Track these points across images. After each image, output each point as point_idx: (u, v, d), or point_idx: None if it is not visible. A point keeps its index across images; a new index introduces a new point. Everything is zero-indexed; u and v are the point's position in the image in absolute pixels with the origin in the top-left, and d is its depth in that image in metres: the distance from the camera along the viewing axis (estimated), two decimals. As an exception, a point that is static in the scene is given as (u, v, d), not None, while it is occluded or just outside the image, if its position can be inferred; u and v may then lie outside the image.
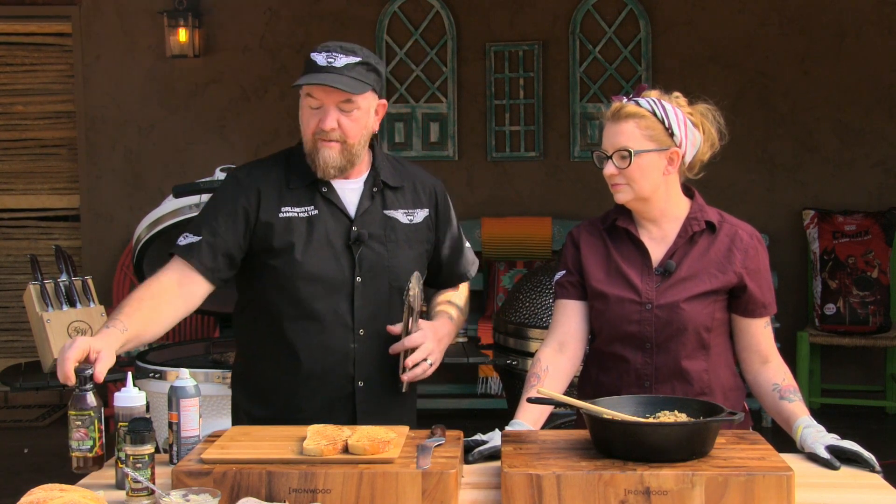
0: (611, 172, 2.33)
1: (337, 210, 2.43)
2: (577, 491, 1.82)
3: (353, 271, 2.41)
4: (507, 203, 6.31)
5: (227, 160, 5.56)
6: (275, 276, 2.41)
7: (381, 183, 2.47)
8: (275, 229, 2.40)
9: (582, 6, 6.25)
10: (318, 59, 2.36)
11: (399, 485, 1.86)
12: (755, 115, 6.16)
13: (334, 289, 2.40)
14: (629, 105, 2.33)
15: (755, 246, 2.38)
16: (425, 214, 2.52)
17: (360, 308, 2.41)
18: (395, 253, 2.45)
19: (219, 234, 2.38)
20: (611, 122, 2.35)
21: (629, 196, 2.34)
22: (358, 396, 2.43)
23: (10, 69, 6.62)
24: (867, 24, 6.13)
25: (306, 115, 2.39)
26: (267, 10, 6.36)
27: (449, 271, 2.63)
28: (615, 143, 2.33)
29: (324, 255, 2.40)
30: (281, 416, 2.39)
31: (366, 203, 2.45)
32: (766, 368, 2.38)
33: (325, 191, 2.43)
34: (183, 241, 2.40)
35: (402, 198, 2.50)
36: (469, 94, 6.36)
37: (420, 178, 2.56)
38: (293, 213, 2.41)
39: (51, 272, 3.92)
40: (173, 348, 3.97)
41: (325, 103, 2.35)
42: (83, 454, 2.04)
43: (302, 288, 2.39)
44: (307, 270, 2.39)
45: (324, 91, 2.34)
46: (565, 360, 2.40)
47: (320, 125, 2.35)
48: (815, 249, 5.88)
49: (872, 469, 2.08)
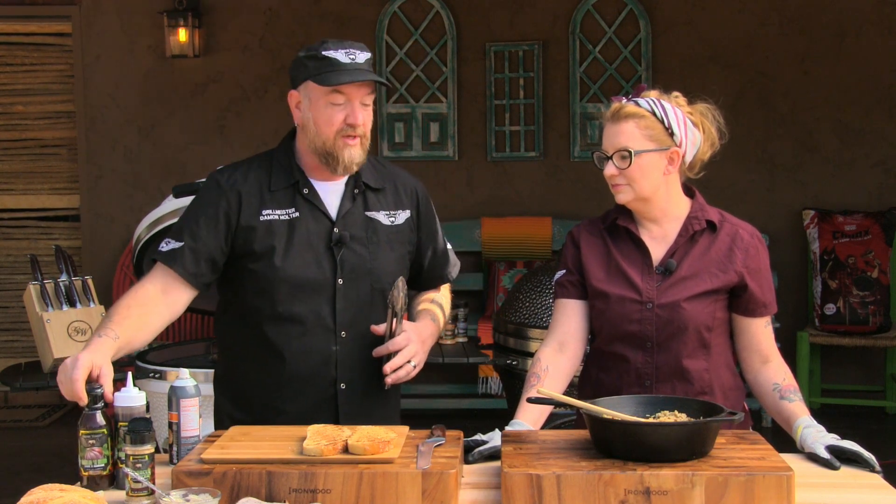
0: (611, 173, 2.33)
1: (318, 212, 2.42)
2: (577, 491, 1.82)
3: (334, 273, 2.40)
4: (507, 203, 6.31)
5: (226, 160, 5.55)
6: (256, 280, 2.40)
7: (363, 184, 2.47)
8: (256, 233, 2.39)
9: (582, 6, 6.25)
10: (338, 56, 2.34)
11: (399, 485, 1.86)
12: (755, 115, 6.16)
13: (316, 291, 2.39)
14: (629, 105, 2.33)
15: (756, 245, 2.38)
16: (407, 216, 2.52)
17: (341, 310, 2.40)
18: (377, 254, 2.44)
19: (200, 238, 2.37)
20: (610, 122, 2.35)
21: (630, 196, 2.34)
22: (340, 399, 2.42)
23: (10, 69, 6.62)
24: (867, 24, 6.13)
25: (328, 112, 2.35)
26: (267, 10, 6.36)
27: (430, 273, 2.62)
28: (615, 143, 2.33)
29: (305, 257, 2.39)
30: (262, 419, 2.38)
31: (347, 204, 2.44)
32: (766, 368, 2.38)
33: (307, 192, 2.42)
34: (165, 248, 2.39)
35: (384, 199, 2.49)
36: (469, 94, 6.36)
37: (401, 179, 2.55)
38: (274, 216, 2.39)
39: (51, 272, 3.92)
40: (173, 348, 3.97)
41: (352, 99, 2.35)
42: (97, 473, 2.01)
43: (283, 291, 2.38)
44: (288, 273, 2.37)
45: (354, 87, 2.35)
46: (565, 359, 2.40)
47: (349, 120, 2.35)
48: (815, 249, 5.88)
49: (872, 469, 2.07)
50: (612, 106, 2.36)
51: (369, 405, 2.45)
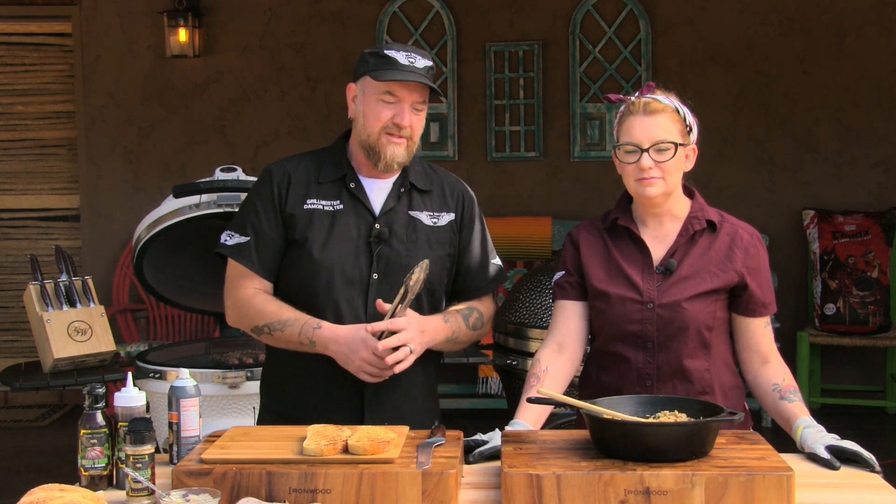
0: (649, 165, 2.31)
1: (361, 206, 2.47)
2: (577, 491, 1.82)
3: (370, 268, 2.44)
4: (507, 203, 6.31)
5: (227, 160, 5.58)
6: (294, 266, 2.45)
7: (410, 184, 2.51)
8: (297, 221, 2.45)
9: (582, 6, 6.25)
10: (398, 56, 2.39)
11: (399, 485, 1.86)
12: (755, 115, 6.16)
13: (350, 283, 2.43)
14: (656, 101, 2.34)
15: (756, 245, 2.38)
16: (450, 218, 2.54)
17: (374, 304, 2.43)
18: (415, 253, 2.46)
19: (262, 230, 2.45)
20: (642, 115, 2.33)
21: (661, 189, 2.33)
22: (367, 393, 2.44)
23: (10, 69, 6.63)
24: (867, 24, 6.13)
25: (377, 108, 2.41)
26: (267, 10, 6.36)
27: (465, 281, 2.59)
28: (652, 135, 2.31)
29: (343, 249, 2.43)
30: (292, 406, 2.44)
31: (391, 202, 2.48)
32: (766, 368, 2.38)
33: (353, 187, 2.47)
34: (230, 241, 2.47)
35: (429, 201, 2.53)
36: (469, 94, 6.36)
37: (450, 182, 2.59)
38: (318, 206, 2.46)
39: (51, 272, 3.92)
40: (173, 348, 3.96)
41: (403, 100, 2.40)
42: (98, 472, 2.02)
43: (320, 278, 2.42)
44: (326, 263, 2.42)
45: (407, 89, 2.39)
46: (565, 360, 2.40)
47: (395, 120, 2.40)
48: (815, 249, 5.88)
49: (872, 469, 2.07)
50: (639, 99, 2.35)
51: (397, 402, 2.46)
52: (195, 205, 3.68)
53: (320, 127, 6.32)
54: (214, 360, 3.70)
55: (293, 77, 6.38)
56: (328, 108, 6.34)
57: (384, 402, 2.46)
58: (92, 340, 3.63)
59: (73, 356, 3.59)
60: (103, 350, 3.66)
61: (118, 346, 4.04)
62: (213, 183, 3.67)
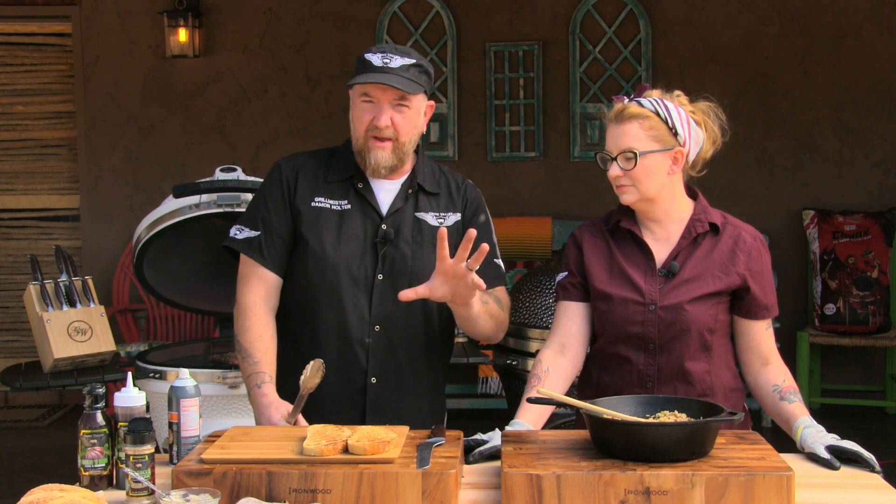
0: (616, 174, 2.32)
1: (369, 207, 2.48)
2: (577, 491, 1.82)
3: (374, 268, 2.45)
4: (507, 203, 6.31)
5: (227, 160, 5.59)
6: (299, 263, 2.47)
7: (417, 185, 2.52)
8: (304, 217, 2.46)
9: (582, 6, 6.25)
10: (373, 59, 2.42)
11: (399, 485, 1.86)
12: (755, 115, 6.16)
13: (355, 282, 2.45)
14: (632, 106, 2.33)
15: (758, 248, 2.38)
16: (456, 219, 2.56)
17: (377, 305, 2.45)
18: (420, 254, 2.47)
19: (272, 225, 2.47)
20: (614, 123, 2.34)
21: (635, 197, 2.34)
22: (369, 393, 2.45)
23: (10, 69, 6.62)
24: (867, 24, 6.13)
25: (359, 111, 2.44)
26: (267, 10, 6.36)
27: None
28: (619, 144, 2.32)
29: (348, 248, 2.45)
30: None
31: (398, 203, 2.50)
32: (766, 370, 2.38)
33: (361, 187, 2.49)
34: (240, 235, 2.49)
35: (436, 202, 2.55)
36: (469, 94, 6.36)
37: (457, 183, 2.60)
38: (325, 205, 2.48)
39: (51, 272, 3.92)
40: (173, 348, 3.96)
41: (380, 101, 2.41)
42: (98, 472, 2.02)
43: (325, 277, 2.44)
44: (331, 261, 2.44)
45: (380, 90, 2.40)
46: (566, 361, 2.40)
47: (374, 122, 2.41)
48: (815, 249, 5.88)
49: (872, 469, 2.07)
50: (616, 106, 2.35)
51: (399, 402, 2.48)
52: (195, 205, 3.67)
53: (320, 127, 6.32)
54: (214, 360, 3.70)
55: (293, 77, 6.38)
56: (328, 108, 6.34)
57: (387, 405, 2.45)
58: (92, 340, 3.63)
59: (73, 356, 3.58)
60: (103, 350, 3.65)
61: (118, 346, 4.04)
62: (213, 183, 3.67)
